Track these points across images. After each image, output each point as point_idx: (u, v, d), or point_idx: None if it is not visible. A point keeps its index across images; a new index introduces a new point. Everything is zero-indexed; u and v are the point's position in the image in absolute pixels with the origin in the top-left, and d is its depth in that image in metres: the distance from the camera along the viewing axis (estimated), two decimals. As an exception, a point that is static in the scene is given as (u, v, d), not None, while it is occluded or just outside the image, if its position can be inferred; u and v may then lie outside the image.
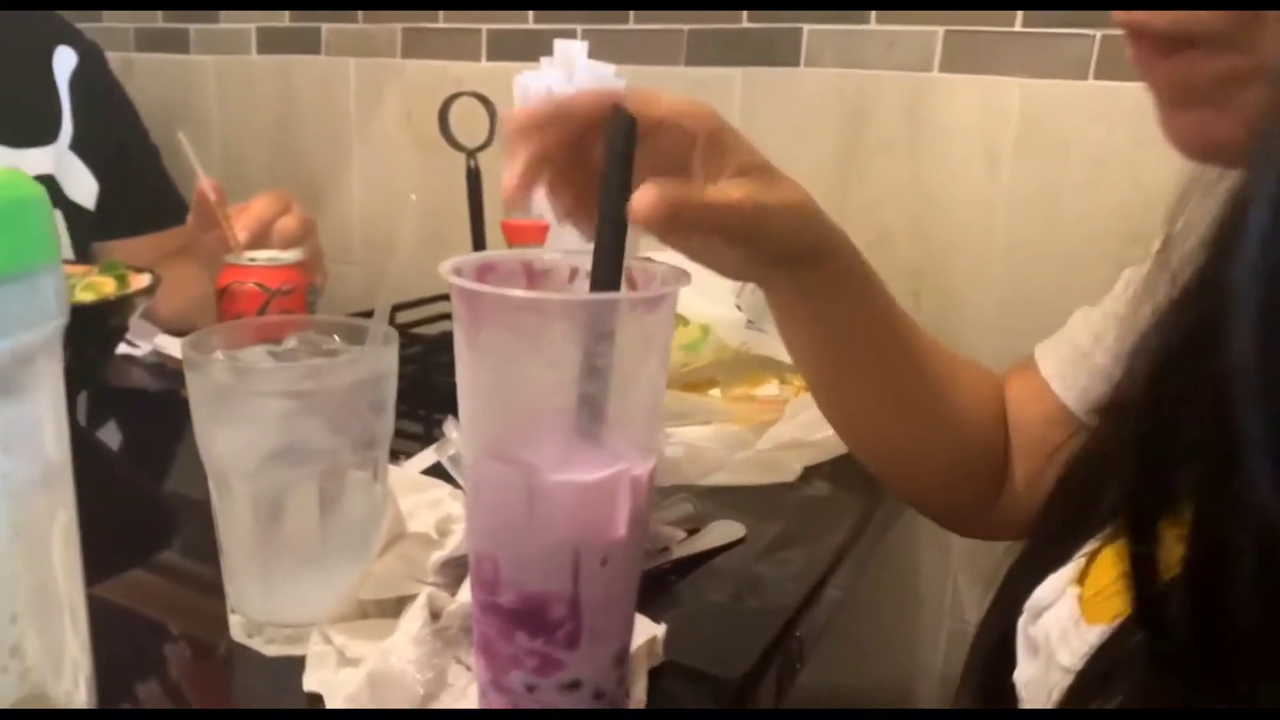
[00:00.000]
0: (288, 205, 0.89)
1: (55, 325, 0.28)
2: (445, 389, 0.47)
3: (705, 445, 0.72)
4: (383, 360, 0.49)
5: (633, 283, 0.40)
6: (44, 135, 1.07)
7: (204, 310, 0.82)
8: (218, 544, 0.50)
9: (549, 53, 0.95)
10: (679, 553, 0.60)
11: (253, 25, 1.25)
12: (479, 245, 0.91)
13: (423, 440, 0.79)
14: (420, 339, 0.93)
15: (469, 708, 0.43)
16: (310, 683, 0.46)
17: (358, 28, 1.16)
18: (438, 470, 0.67)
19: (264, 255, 0.82)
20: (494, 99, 0.89)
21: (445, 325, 0.94)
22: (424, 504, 0.60)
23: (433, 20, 1.10)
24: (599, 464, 0.37)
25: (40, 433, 0.29)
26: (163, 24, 1.33)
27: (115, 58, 1.29)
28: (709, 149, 0.45)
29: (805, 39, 0.90)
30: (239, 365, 0.48)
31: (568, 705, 0.39)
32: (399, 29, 1.13)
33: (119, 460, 0.81)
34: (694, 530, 0.63)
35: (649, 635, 0.48)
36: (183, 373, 0.47)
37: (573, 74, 0.93)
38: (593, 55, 0.95)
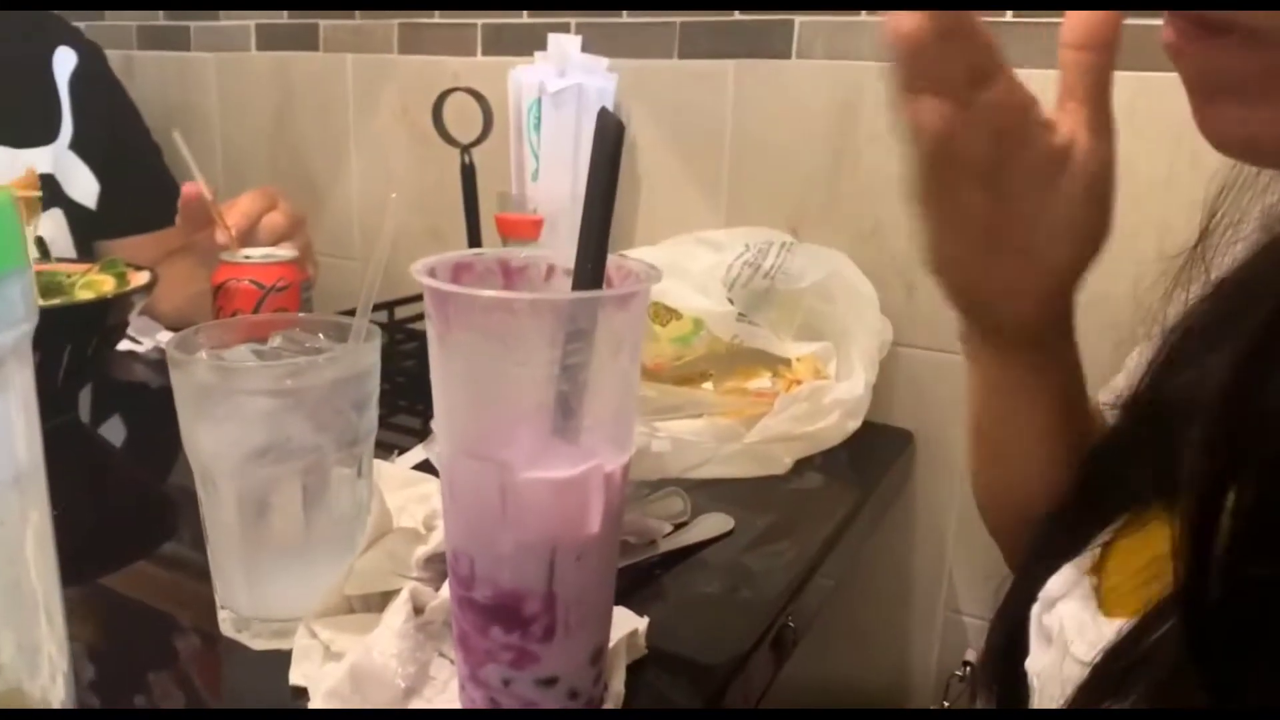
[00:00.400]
0: (274, 201, 0.90)
1: (24, 329, 0.29)
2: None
3: (695, 438, 0.73)
4: (364, 357, 0.49)
5: (609, 281, 0.40)
6: (44, 135, 1.08)
7: (204, 307, 0.82)
8: (205, 540, 0.51)
9: (543, 47, 0.96)
10: (666, 546, 0.60)
11: (252, 22, 1.25)
12: (474, 240, 0.91)
13: (419, 435, 0.79)
14: (418, 335, 0.93)
15: (450, 702, 0.43)
16: (295, 676, 0.46)
17: (355, 24, 1.16)
18: (430, 465, 0.68)
19: (258, 253, 0.83)
20: (489, 93, 0.90)
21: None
22: (414, 499, 0.60)
23: (428, 15, 1.11)
24: (572, 461, 0.37)
25: (11, 435, 0.29)
26: (164, 21, 1.33)
27: (117, 55, 1.30)
28: None
29: (797, 31, 0.90)
30: (222, 364, 0.49)
31: (544, 699, 0.39)
32: (395, 24, 1.13)
33: (119, 455, 0.82)
34: (682, 524, 0.63)
35: (630, 628, 0.48)
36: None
37: (566, 68, 0.94)
38: (586, 49, 0.95)
